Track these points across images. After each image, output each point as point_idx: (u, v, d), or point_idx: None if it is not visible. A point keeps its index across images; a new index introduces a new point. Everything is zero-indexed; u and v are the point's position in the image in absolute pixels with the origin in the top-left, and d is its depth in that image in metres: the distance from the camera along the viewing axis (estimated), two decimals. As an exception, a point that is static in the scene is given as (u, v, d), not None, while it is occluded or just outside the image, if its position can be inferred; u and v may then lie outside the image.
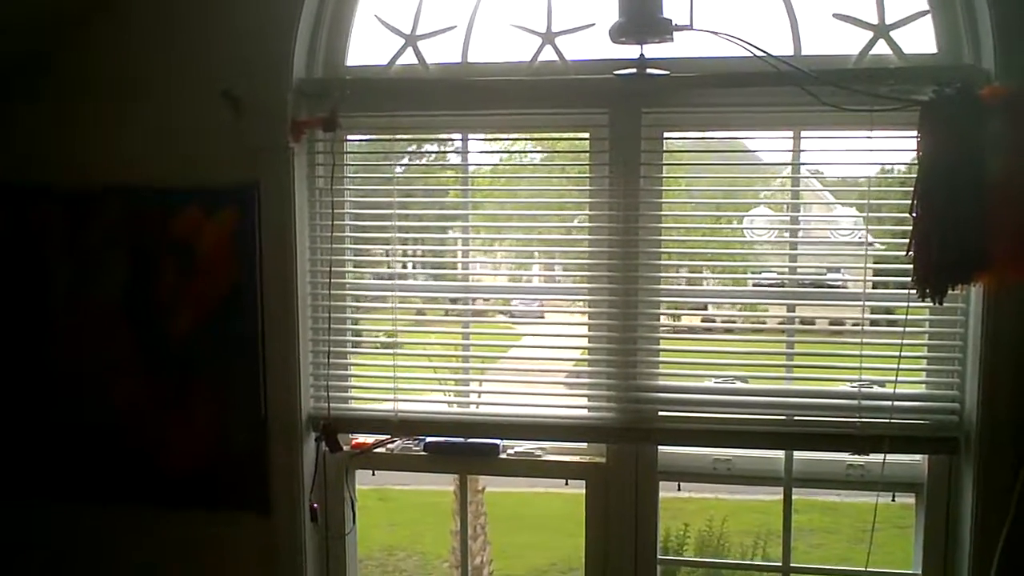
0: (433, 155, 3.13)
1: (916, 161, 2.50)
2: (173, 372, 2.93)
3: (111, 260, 2.93)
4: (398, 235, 2.93)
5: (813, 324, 2.84)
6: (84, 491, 3.02)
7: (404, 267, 3.08)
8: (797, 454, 2.85)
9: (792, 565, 2.95)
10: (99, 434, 2.99)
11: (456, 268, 3.01)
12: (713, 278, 2.97)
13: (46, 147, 2.96)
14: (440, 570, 9.92)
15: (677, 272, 2.92)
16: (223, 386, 2.90)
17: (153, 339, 2.93)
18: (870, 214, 2.73)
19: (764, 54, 2.58)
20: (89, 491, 3.02)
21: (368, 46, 2.94)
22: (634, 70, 2.65)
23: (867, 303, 2.71)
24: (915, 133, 2.48)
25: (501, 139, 3.06)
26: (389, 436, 2.98)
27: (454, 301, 3.01)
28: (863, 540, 2.68)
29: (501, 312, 3.14)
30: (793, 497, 2.91)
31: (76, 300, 2.96)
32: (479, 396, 2.95)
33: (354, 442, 3.01)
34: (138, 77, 2.89)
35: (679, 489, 3.41)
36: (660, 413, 2.82)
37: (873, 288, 2.74)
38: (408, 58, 2.92)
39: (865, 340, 2.70)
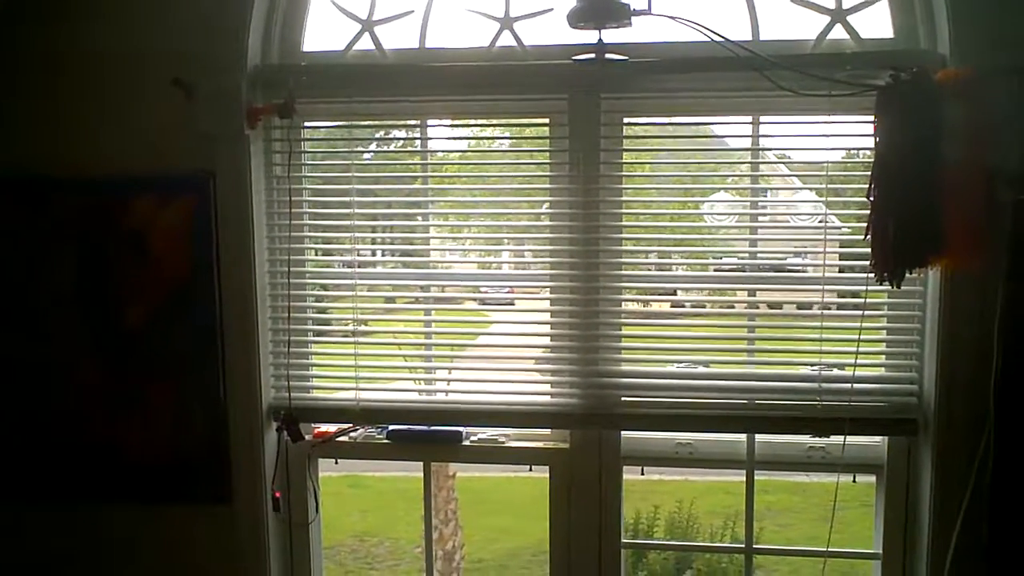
0: (394, 142, 3.09)
1: (873, 145, 2.50)
2: (130, 364, 2.88)
3: (63, 251, 2.88)
4: (358, 223, 2.90)
5: (778, 308, 2.85)
6: (41, 487, 2.98)
7: (370, 255, 3.04)
8: (759, 437, 2.87)
9: (755, 547, 2.98)
10: (56, 428, 2.94)
11: (420, 256, 2.98)
12: (674, 264, 2.96)
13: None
14: (412, 555, 9.94)
15: (638, 258, 2.90)
16: (181, 377, 2.86)
17: (108, 330, 2.88)
18: (831, 198, 2.74)
19: (722, 39, 2.58)
20: (46, 487, 2.97)
21: (324, 32, 2.90)
22: (592, 55, 2.63)
23: (826, 287, 2.73)
24: (872, 117, 2.49)
25: (460, 125, 3.03)
26: (351, 424, 2.96)
27: (420, 289, 2.98)
28: (829, 519, 2.69)
29: (468, 299, 3.13)
30: (761, 478, 2.94)
31: (28, 292, 2.91)
32: (444, 384, 2.94)
33: (316, 431, 2.99)
34: (90, 65, 2.83)
35: (642, 473, 3.42)
36: (623, 398, 2.83)
37: (837, 272, 2.76)
38: (365, 43, 2.88)
39: (825, 324, 2.72)
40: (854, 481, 3.01)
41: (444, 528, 8.40)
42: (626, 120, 2.81)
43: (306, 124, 2.88)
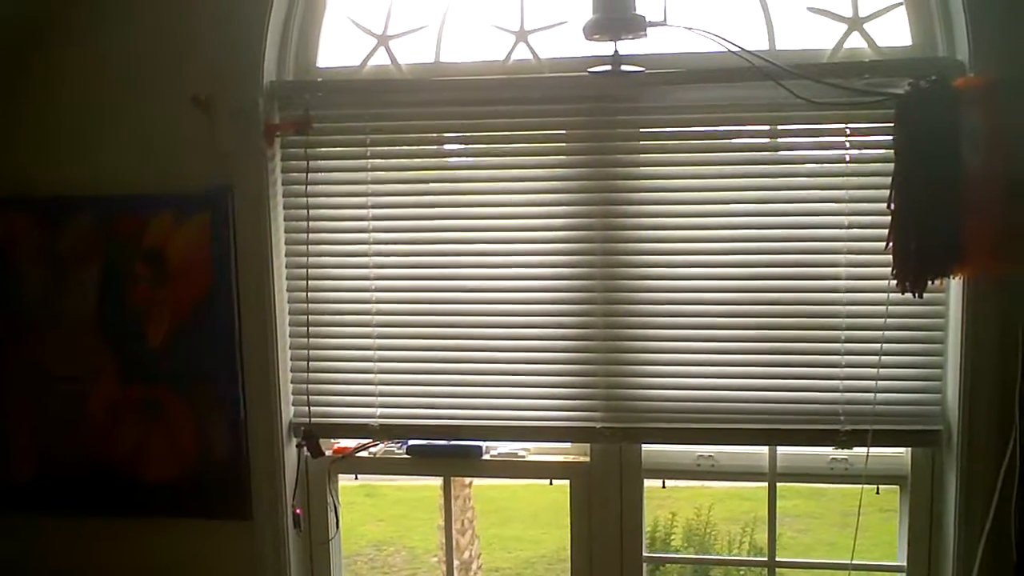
0: (410, 156, 3.06)
1: (893, 154, 2.49)
2: (149, 381, 2.89)
3: (83, 269, 2.88)
4: (376, 235, 2.88)
5: (795, 319, 2.81)
6: (59, 503, 2.99)
7: (388, 269, 3.01)
8: (780, 448, 2.84)
9: (778, 560, 2.95)
10: (75, 445, 2.95)
11: (440, 269, 2.94)
12: (694, 275, 2.92)
13: (15, 154, 2.92)
14: (429, 564, 9.90)
15: (657, 269, 2.87)
16: (201, 394, 2.86)
17: (128, 348, 2.89)
18: (850, 204, 2.70)
19: (739, 49, 2.57)
20: (65, 503, 2.98)
21: (340, 47, 2.90)
22: (608, 67, 2.63)
23: (848, 295, 2.69)
24: (891, 126, 2.47)
25: (477, 137, 3.00)
26: (371, 440, 2.95)
27: (437, 303, 2.92)
28: (848, 525, 2.67)
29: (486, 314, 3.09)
30: (778, 484, 2.90)
31: (49, 310, 2.92)
32: (463, 399, 2.90)
33: (336, 447, 2.98)
34: (109, 83, 2.85)
35: (664, 487, 3.39)
36: (644, 412, 2.80)
37: (858, 281, 2.71)
38: (381, 58, 2.88)
39: (847, 335, 2.69)
40: (877, 493, 2.97)
41: (461, 538, 8.37)
42: (642, 130, 2.79)
43: (322, 139, 2.88)
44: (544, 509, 8.89)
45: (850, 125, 2.61)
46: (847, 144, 2.65)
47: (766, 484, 2.90)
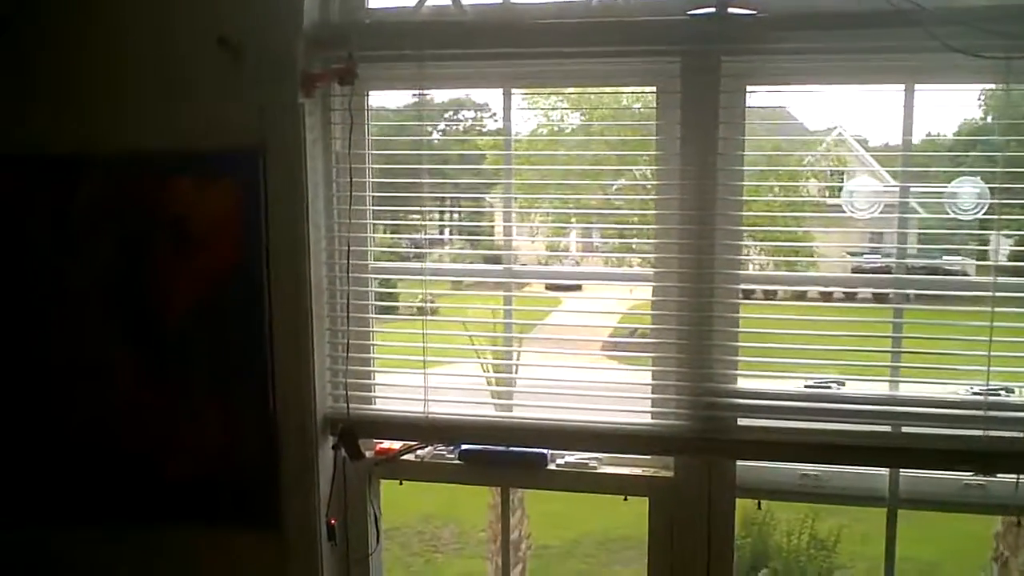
0: (471, 113, 2.71)
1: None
2: (168, 366, 2.58)
3: (96, 237, 2.58)
4: (429, 207, 2.59)
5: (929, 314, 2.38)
6: (70, 503, 2.70)
7: (441, 242, 2.67)
8: (904, 470, 2.45)
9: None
10: (86, 437, 2.65)
11: (499, 244, 2.59)
12: (804, 260, 2.51)
13: (14, 107, 2.60)
14: (477, 539, 9.70)
15: (760, 253, 2.46)
16: (225, 383, 2.56)
17: (144, 327, 2.59)
18: (1000, 185, 2.24)
19: (878, -13, 2.13)
20: (75, 502, 2.69)
21: None
22: (713, 8, 2.29)
23: (996, 294, 2.25)
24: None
25: (551, 93, 2.61)
26: (418, 442, 2.62)
27: (498, 281, 2.60)
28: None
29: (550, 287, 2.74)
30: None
31: (57, 283, 2.62)
32: (525, 397, 2.57)
33: (378, 447, 2.67)
34: (123, 28, 2.54)
35: (759, 507, 2.92)
36: (739, 421, 2.44)
37: (1009, 276, 2.31)
38: None
39: (994, 337, 2.26)
40: (1018, 524, 2.50)
41: (511, 516, 8.08)
42: (749, 88, 2.40)
43: (370, 92, 2.57)
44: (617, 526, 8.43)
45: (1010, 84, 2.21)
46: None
47: (884, 510, 2.51)
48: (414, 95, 2.60)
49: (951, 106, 2.46)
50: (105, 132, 2.54)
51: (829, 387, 2.47)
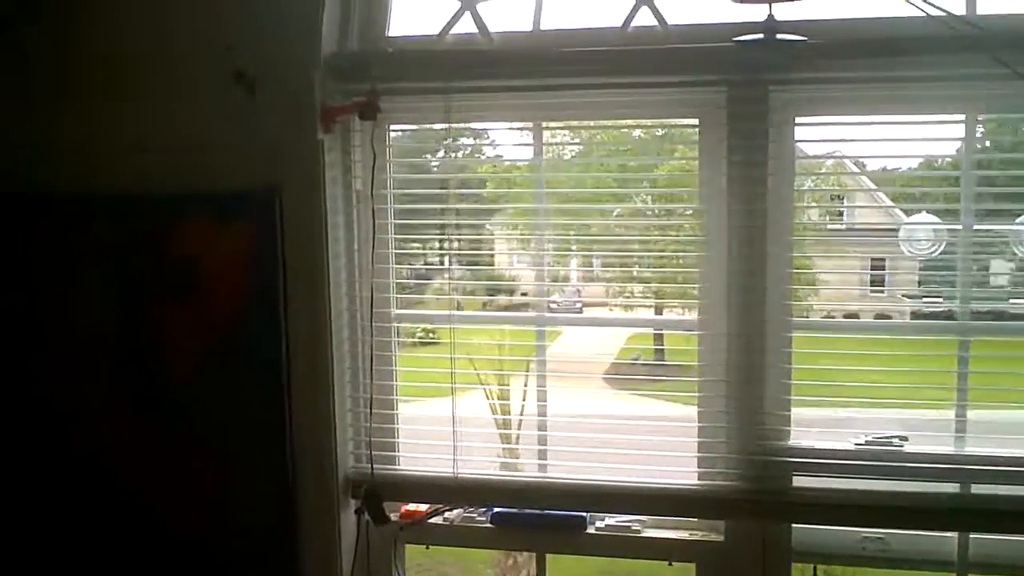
0: (499, 147, 2.57)
1: None
2: (173, 419, 2.40)
3: (100, 281, 2.41)
4: (456, 243, 2.43)
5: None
6: (65, 556, 2.51)
7: (467, 283, 2.51)
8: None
9: None
10: (84, 487, 2.47)
11: (534, 285, 2.44)
12: (860, 308, 2.33)
13: (18, 145, 2.41)
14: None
15: (812, 298, 2.29)
16: (237, 440, 2.37)
17: (149, 377, 2.41)
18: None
19: (942, 13, 1.98)
20: (71, 556, 2.50)
21: (414, 12, 2.44)
22: (761, 35, 2.09)
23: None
24: None
25: (585, 128, 2.45)
26: (445, 504, 2.43)
27: (533, 328, 2.43)
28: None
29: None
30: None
31: (57, 327, 2.44)
32: (563, 454, 2.40)
33: (403, 509, 2.48)
34: (132, 62, 2.36)
35: (815, 574, 2.65)
36: (795, 481, 2.26)
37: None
38: (465, 25, 2.38)
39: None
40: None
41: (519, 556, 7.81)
42: (798, 120, 2.24)
43: (392, 127, 2.42)
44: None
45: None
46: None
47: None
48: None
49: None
50: (112, 171, 2.34)
51: (891, 443, 2.29)
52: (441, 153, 2.47)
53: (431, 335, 2.58)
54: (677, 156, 2.44)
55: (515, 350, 2.54)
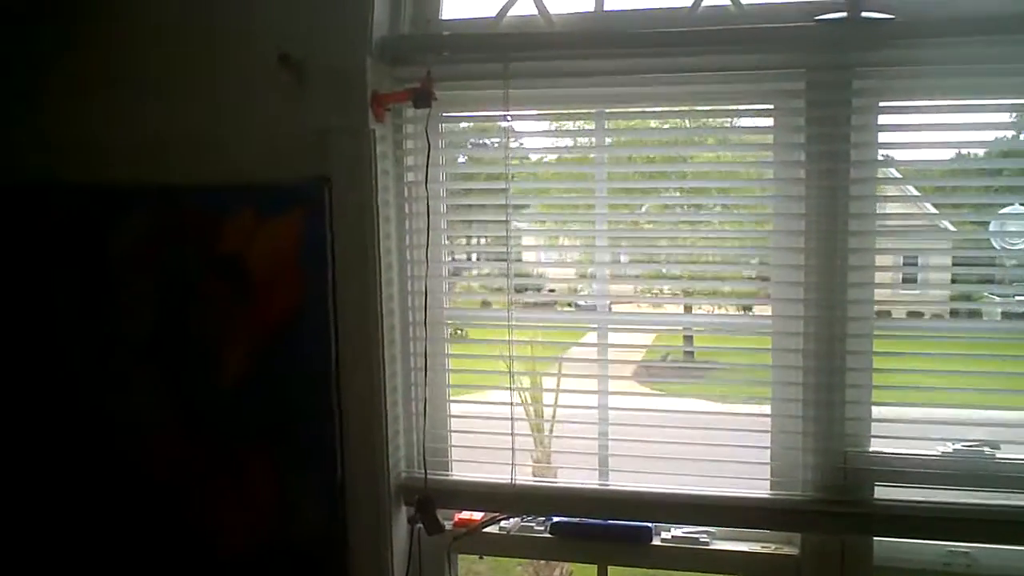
0: (564, 134, 2.43)
1: None
2: (222, 427, 2.27)
3: (140, 280, 2.28)
4: (515, 237, 2.30)
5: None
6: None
7: (526, 278, 2.41)
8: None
9: None
10: (132, 507, 2.35)
11: (596, 284, 2.29)
12: (948, 308, 2.18)
13: (54, 134, 2.31)
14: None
15: (898, 297, 2.16)
16: (286, 446, 2.24)
17: (196, 383, 2.28)
18: None
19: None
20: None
21: None
22: (844, 13, 2.01)
23: None
24: None
25: (650, 114, 2.31)
26: (504, 512, 2.31)
27: (595, 328, 2.31)
28: None
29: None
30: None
31: (96, 333, 2.32)
32: (627, 461, 2.27)
33: (457, 518, 2.35)
34: (171, 45, 2.25)
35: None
36: (877, 492, 2.12)
37: None
38: (524, 7, 2.23)
39: None
40: None
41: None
42: (882, 103, 2.08)
43: (447, 114, 2.29)
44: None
45: None
46: None
47: (1045, 595, 2.18)
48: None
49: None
50: (152, 163, 2.23)
51: (981, 451, 2.13)
52: (497, 143, 2.32)
53: (458, 332, 2.45)
54: (750, 145, 2.29)
55: (553, 349, 2.42)
